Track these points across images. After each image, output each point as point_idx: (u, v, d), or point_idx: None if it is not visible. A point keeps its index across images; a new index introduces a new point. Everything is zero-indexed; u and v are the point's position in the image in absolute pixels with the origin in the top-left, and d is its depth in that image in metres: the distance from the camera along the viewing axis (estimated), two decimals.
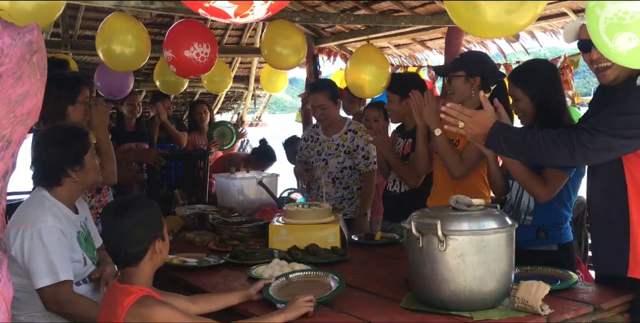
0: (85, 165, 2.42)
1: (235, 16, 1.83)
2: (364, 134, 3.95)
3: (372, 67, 4.47)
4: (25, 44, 1.24)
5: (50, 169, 2.37)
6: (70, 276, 2.25)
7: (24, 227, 2.23)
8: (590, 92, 18.93)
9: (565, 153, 2.10)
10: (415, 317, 2.05)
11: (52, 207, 2.34)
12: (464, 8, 2.57)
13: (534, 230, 2.63)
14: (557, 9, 4.61)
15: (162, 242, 2.00)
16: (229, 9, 1.79)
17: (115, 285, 1.96)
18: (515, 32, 2.81)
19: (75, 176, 2.39)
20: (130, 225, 1.93)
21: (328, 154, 4.00)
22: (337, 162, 3.96)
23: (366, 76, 4.48)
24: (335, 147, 3.99)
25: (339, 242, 2.94)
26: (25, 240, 2.21)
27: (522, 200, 2.69)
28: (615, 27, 1.80)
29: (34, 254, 2.20)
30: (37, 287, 2.20)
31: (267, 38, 4.78)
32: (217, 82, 6.38)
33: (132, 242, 1.92)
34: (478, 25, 2.63)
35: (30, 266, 2.20)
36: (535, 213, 2.66)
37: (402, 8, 5.30)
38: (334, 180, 3.97)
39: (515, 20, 2.55)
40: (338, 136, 4.00)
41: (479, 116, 2.30)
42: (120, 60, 4.33)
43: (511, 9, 2.50)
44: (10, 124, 1.24)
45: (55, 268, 2.20)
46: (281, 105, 44.32)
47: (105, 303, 1.98)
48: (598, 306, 2.11)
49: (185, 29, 4.35)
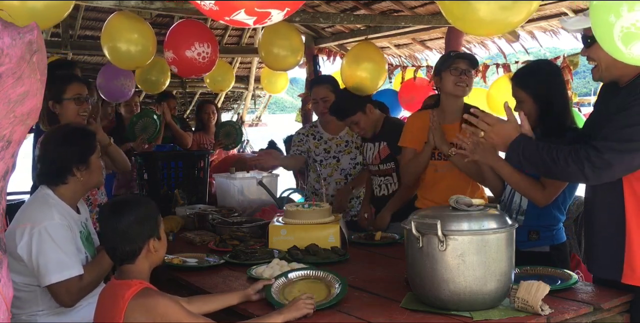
0: (91, 166, 2.45)
1: (255, 24, 1.94)
2: None
3: (369, 64, 4.44)
4: (25, 44, 1.24)
5: (56, 167, 2.40)
6: (81, 270, 2.27)
7: (31, 226, 2.24)
8: (590, 92, 18.94)
9: (576, 171, 2.10)
10: (415, 317, 2.05)
11: (56, 205, 2.36)
12: (456, 5, 2.57)
13: (525, 231, 2.60)
14: (557, 9, 4.61)
15: (157, 241, 2.02)
16: (248, 20, 1.89)
17: (113, 282, 1.98)
18: (509, 29, 2.79)
19: (80, 175, 2.42)
20: (125, 224, 1.96)
21: (339, 151, 3.97)
22: (350, 158, 3.95)
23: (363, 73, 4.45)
24: (345, 144, 3.97)
25: (339, 242, 2.94)
26: (33, 238, 2.22)
27: (513, 199, 2.69)
28: (632, 36, 1.79)
29: (44, 252, 2.21)
30: (50, 283, 2.21)
31: (265, 39, 4.78)
32: (220, 81, 6.39)
33: (126, 240, 1.96)
34: (471, 23, 2.62)
35: (41, 263, 2.21)
36: (527, 213, 2.64)
37: (402, 8, 5.30)
38: (347, 177, 3.95)
39: (509, 17, 2.55)
40: (345, 132, 3.97)
41: (501, 126, 2.30)
42: (126, 58, 4.34)
43: (505, 6, 2.50)
44: (10, 124, 1.24)
45: (66, 264, 2.23)
46: (281, 105, 44.36)
47: (102, 299, 1.99)
48: (598, 306, 2.11)
49: (185, 29, 4.35)
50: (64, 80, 3.11)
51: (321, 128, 4.07)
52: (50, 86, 3.01)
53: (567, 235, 2.76)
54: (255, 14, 1.85)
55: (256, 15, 1.86)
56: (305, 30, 6.66)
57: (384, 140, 3.57)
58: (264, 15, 1.86)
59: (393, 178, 3.60)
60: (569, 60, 4.88)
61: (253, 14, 1.85)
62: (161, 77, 5.60)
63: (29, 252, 2.21)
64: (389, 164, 3.57)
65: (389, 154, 3.55)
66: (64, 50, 6.13)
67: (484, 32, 3.26)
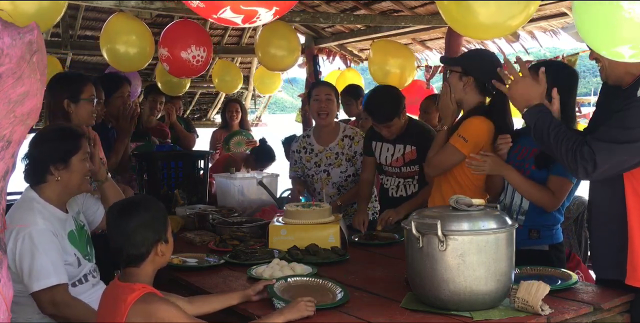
0: (71, 167, 2.37)
1: (244, 23, 1.91)
2: (361, 139, 3.83)
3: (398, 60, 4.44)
4: (25, 44, 1.24)
5: (35, 165, 2.36)
6: (65, 279, 2.23)
7: (16, 232, 2.20)
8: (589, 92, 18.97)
9: (571, 162, 2.13)
10: (415, 317, 2.05)
11: (41, 210, 2.31)
12: (456, 9, 2.57)
13: (526, 230, 2.62)
14: (557, 9, 4.61)
15: (165, 245, 1.99)
16: (236, 19, 1.87)
17: (116, 284, 1.96)
18: (508, 32, 2.80)
19: (57, 175, 2.35)
20: (133, 227, 1.92)
21: (328, 164, 3.89)
22: (340, 171, 3.87)
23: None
24: (334, 156, 3.88)
25: (339, 242, 2.94)
26: (17, 244, 2.19)
27: (514, 200, 2.69)
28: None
29: (26, 258, 2.17)
30: (33, 291, 2.18)
31: (262, 39, 4.78)
32: (228, 81, 6.38)
33: (134, 244, 1.92)
34: (471, 27, 2.63)
35: (24, 270, 2.18)
36: (528, 214, 2.65)
37: (402, 8, 5.30)
38: (339, 189, 3.89)
39: (508, 20, 2.55)
40: (335, 144, 3.89)
41: (529, 83, 2.31)
42: (124, 60, 4.34)
43: (503, 9, 2.50)
44: (10, 124, 1.24)
45: (49, 272, 2.18)
46: (281, 105, 44.35)
47: (105, 301, 1.98)
48: (598, 306, 2.11)
49: (183, 29, 4.36)
50: (81, 81, 3.12)
51: (314, 139, 3.97)
52: (68, 86, 3.01)
53: (567, 235, 2.77)
54: (242, 12, 1.83)
55: (243, 14, 1.84)
56: (305, 30, 6.66)
57: (410, 144, 3.48)
58: (251, 13, 1.85)
59: (414, 181, 3.54)
60: (567, 60, 4.88)
61: (239, 12, 1.83)
62: (183, 79, 5.59)
63: (12, 258, 2.18)
64: (412, 167, 3.50)
65: (415, 158, 3.48)
66: (64, 50, 6.12)
67: (483, 36, 3.25)
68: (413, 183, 3.54)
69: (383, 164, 3.62)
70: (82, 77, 3.21)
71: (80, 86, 3.08)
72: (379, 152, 3.62)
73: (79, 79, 3.16)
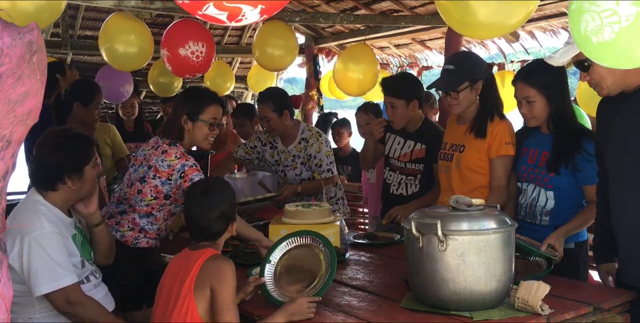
0: (84, 176, 2.35)
1: (230, 21, 1.90)
2: (316, 142, 3.80)
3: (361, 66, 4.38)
4: (25, 44, 1.24)
5: (48, 173, 2.30)
6: (75, 278, 2.22)
7: (21, 236, 2.18)
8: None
9: None
10: (415, 317, 2.05)
11: (46, 212, 2.28)
12: (455, 8, 2.57)
13: (552, 228, 2.58)
14: (557, 9, 4.62)
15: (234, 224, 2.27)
16: (221, 16, 1.86)
17: (187, 252, 2.18)
18: (507, 32, 2.80)
19: (71, 184, 2.31)
20: (215, 207, 2.18)
21: (285, 166, 3.87)
22: (295, 174, 3.85)
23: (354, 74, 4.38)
24: (292, 159, 3.86)
25: (339, 242, 2.94)
26: (24, 248, 2.16)
27: (537, 202, 2.68)
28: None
29: (36, 262, 2.16)
30: (47, 292, 2.16)
31: (259, 39, 4.77)
32: (220, 83, 6.35)
33: (218, 222, 2.19)
34: (470, 26, 2.62)
35: (33, 273, 2.16)
36: (552, 214, 2.65)
37: (402, 8, 5.30)
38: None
39: (507, 20, 2.55)
40: (293, 146, 3.86)
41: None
42: (123, 60, 4.33)
43: (503, 8, 2.50)
44: (10, 124, 1.24)
45: (60, 273, 2.18)
46: None
47: (174, 265, 2.18)
48: (598, 306, 2.11)
49: (182, 27, 4.34)
50: (205, 100, 2.91)
51: (279, 137, 3.92)
52: (190, 102, 2.88)
53: None
54: (226, 9, 1.81)
55: (227, 11, 1.82)
56: (305, 30, 6.66)
57: (421, 143, 3.48)
58: (236, 11, 1.82)
59: (416, 180, 3.52)
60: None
61: (223, 8, 1.81)
62: (174, 80, 5.56)
63: (20, 263, 2.16)
64: (418, 165, 3.49)
65: (422, 157, 3.48)
66: (64, 50, 6.13)
67: (482, 35, 3.26)
68: (415, 182, 3.54)
69: (390, 157, 3.62)
70: (209, 96, 2.97)
71: (203, 106, 2.87)
72: (390, 143, 3.63)
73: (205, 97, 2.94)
